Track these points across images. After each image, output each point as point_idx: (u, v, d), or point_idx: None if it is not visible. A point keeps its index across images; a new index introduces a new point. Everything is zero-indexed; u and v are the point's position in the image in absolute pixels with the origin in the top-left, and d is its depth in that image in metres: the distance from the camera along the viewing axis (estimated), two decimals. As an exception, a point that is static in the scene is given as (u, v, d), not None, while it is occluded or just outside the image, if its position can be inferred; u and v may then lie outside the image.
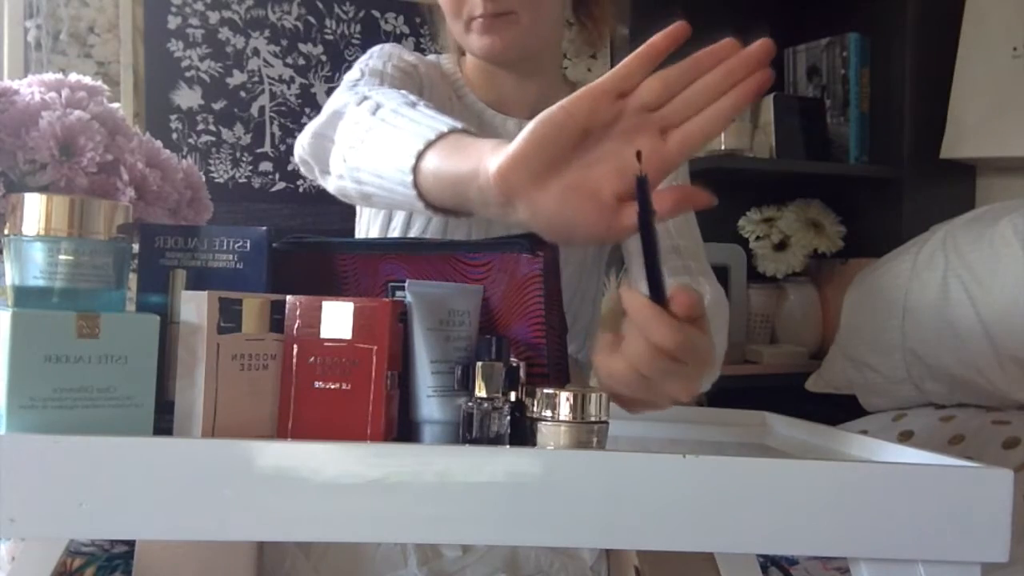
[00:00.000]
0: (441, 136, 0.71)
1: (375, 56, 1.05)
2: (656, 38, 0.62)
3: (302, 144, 0.91)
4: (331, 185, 0.88)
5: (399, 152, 0.73)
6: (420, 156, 0.71)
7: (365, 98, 0.84)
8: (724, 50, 0.61)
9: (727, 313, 1.03)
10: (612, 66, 0.63)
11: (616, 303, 1.68)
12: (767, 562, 1.34)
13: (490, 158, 0.63)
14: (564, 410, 0.65)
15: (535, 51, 1.08)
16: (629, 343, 0.64)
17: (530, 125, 0.62)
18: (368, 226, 1.13)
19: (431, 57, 1.15)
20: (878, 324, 1.69)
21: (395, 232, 1.08)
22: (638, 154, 0.61)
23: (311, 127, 0.90)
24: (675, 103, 0.62)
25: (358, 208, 1.16)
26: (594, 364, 0.68)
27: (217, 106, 1.91)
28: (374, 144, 0.78)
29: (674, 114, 0.62)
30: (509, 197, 0.63)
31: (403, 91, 0.86)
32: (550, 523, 0.58)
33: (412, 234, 1.07)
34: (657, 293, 0.63)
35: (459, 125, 0.72)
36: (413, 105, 0.79)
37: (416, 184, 0.71)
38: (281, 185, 1.96)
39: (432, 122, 0.73)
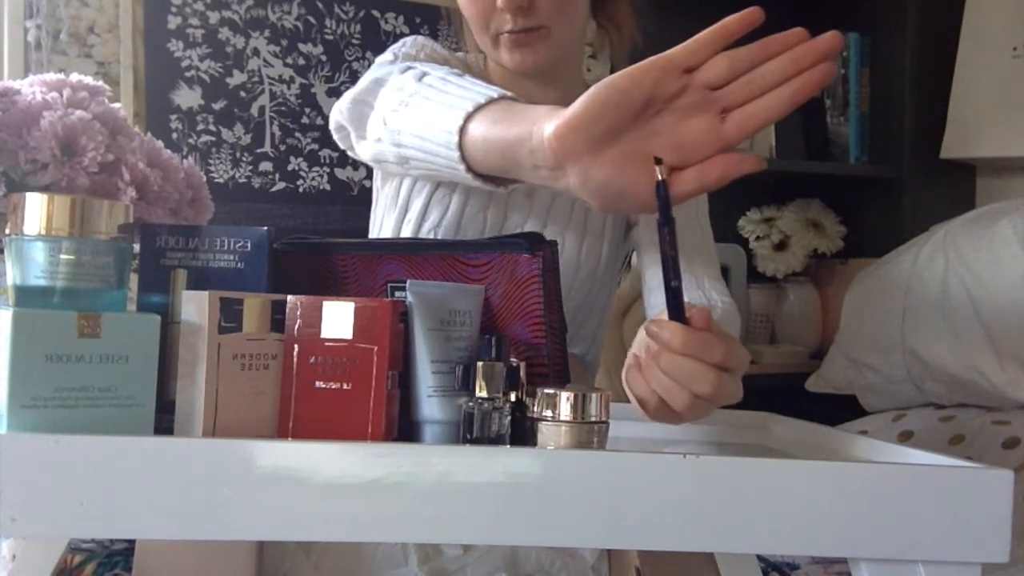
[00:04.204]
0: (491, 101, 0.71)
1: (408, 44, 1.05)
2: (729, 20, 0.62)
3: (340, 109, 0.91)
4: (367, 151, 0.87)
5: (446, 114, 0.73)
6: (469, 118, 0.70)
7: (410, 67, 0.84)
8: (793, 37, 0.62)
9: (739, 323, 1.03)
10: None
11: (617, 302, 1.67)
12: (767, 567, 1.33)
13: (546, 122, 0.63)
14: (564, 410, 0.65)
15: (563, 59, 1.07)
16: (684, 373, 0.65)
17: (591, 90, 0.61)
18: (384, 215, 1.11)
19: (459, 54, 1.14)
20: (878, 324, 1.69)
21: (410, 222, 1.06)
22: (657, 160, 0.61)
23: (350, 93, 0.89)
24: (738, 84, 0.61)
25: (374, 196, 1.15)
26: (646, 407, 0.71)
27: (217, 106, 1.91)
28: (419, 107, 0.77)
29: (736, 95, 0.61)
30: (562, 161, 0.63)
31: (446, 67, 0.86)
32: (550, 523, 0.58)
33: (427, 224, 1.05)
34: (676, 307, 0.65)
35: (509, 93, 0.72)
36: (460, 75, 0.79)
37: (461, 146, 0.71)
38: (281, 185, 1.96)
39: (482, 88, 0.73)
